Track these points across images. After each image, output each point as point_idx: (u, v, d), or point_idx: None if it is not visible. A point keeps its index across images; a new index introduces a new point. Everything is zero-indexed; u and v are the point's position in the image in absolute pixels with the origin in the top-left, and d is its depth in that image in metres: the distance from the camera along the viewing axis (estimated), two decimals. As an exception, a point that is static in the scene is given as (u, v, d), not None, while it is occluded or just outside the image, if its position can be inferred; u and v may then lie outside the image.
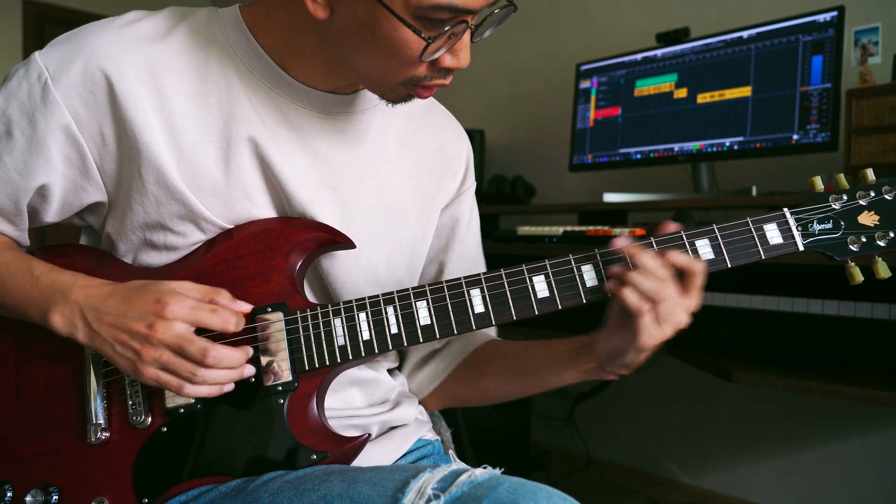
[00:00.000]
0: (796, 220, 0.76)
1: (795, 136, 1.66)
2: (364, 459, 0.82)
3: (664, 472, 2.32)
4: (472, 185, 0.98)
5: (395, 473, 0.68)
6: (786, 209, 0.77)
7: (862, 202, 0.77)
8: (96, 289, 0.73)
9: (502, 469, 0.69)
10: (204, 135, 0.78)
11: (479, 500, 0.61)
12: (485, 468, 0.67)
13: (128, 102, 0.75)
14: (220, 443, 0.76)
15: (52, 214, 0.81)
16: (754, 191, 1.74)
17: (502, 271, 0.77)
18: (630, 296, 0.72)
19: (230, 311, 0.72)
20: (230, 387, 0.73)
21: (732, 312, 1.43)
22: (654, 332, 0.72)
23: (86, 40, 0.76)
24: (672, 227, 0.77)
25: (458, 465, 0.70)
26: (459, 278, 0.78)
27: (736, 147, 1.78)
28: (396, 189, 0.88)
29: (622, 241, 0.76)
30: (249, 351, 0.74)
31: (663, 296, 0.71)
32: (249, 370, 0.74)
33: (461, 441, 2.00)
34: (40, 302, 0.74)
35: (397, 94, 0.77)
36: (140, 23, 0.78)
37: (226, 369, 0.72)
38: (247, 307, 0.75)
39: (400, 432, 0.90)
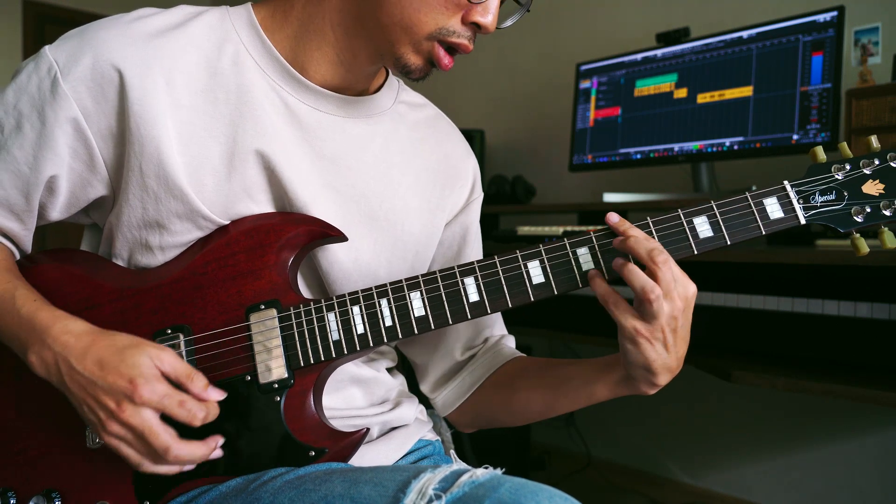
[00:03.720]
0: (797, 192, 0.74)
1: (795, 136, 1.66)
2: (365, 460, 0.82)
3: (664, 472, 2.32)
4: (479, 195, 0.99)
5: (397, 473, 0.67)
6: (786, 182, 0.74)
7: (866, 171, 0.74)
8: (74, 338, 0.70)
9: (503, 469, 0.69)
10: (210, 130, 0.78)
11: (480, 501, 0.61)
12: (486, 468, 0.67)
13: (136, 97, 0.75)
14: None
15: (58, 210, 0.81)
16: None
17: (496, 258, 0.76)
18: (637, 278, 0.70)
19: (199, 406, 0.70)
20: (191, 466, 0.72)
21: (732, 312, 1.43)
22: (665, 309, 0.69)
23: (96, 35, 0.76)
24: (614, 217, 0.74)
25: (459, 465, 0.69)
26: (453, 267, 0.77)
27: (736, 147, 1.78)
28: (402, 195, 0.88)
29: (615, 217, 0.74)
30: (218, 441, 0.73)
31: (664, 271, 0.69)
32: (217, 454, 0.73)
33: (462, 441, 2.00)
34: (20, 338, 0.73)
35: (421, 53, 0.77)
36: (150, 18, 0.78)
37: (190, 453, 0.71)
38: (220, 395, 0.73)
39: (401, 433, 0.90)
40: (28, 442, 0.78)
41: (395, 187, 0.88)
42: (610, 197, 1.96)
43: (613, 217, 0.74)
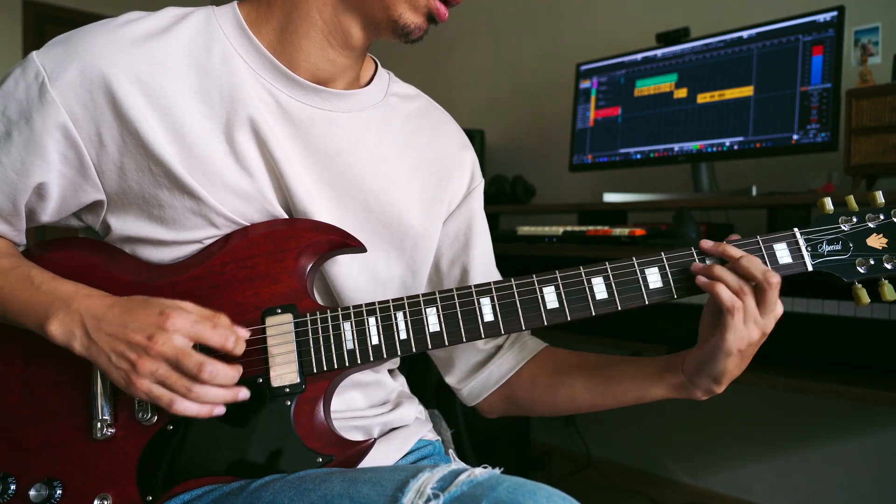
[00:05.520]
0: (806, 240, 0.78)
1: (795, 136, 1.66)
2: (366, 460, 0.82)
3: (664, 472, 2.32)
4: (480, 182, 0.99)
5: (395, 473, 0.68)
6: (796, 229, 0.78)
7: (871, 225, 0.78)
8: (98, 299, 0.73)
9: (502, 469, 0.69)
10: (210, 131, 0.78)
11: (478, 500, 0.61)
12: (485, 468, 0.67)
13: (128, 103, 0.74)
14: (226, 443, 0.76)
15: (49, 214, 0.81)
16: (754, 191, 1.74)
17: (513, 281, 0.78)
18: (723, 291, 0.73)
19: (230, 330, 0.72)
20: (221, 410, 0.72)
21: (732, 312, 1.42)
22: (742, 332, 0.73)
23: (84, 40, 0.76)
24: (707, 243, 0.78)
25: (457, 464, 0.69)
26: (469, 286, 0.78)
27: (736, 147, 1.78)
28: (398, 188, 0.88)
29: (708, 243, 0.78)
30: (240, 369, 0.74)
31: (747, 291, 0.73)
32: (244, 393, 0.73)
33: (461, 441, 2.00)
34: (39, 310, 0.73)
35: (419, 10, 0.78)
36: (138, 23, 0.78)
37: (219, 388, 0.71)
38: (246, 333, 0.75)
39: (401, 433, 0.90)
40: (32, 429, 0.78)
41: (391, 181, 0.88)
42: (610, 197, 1.96)
43: (707, 243, 0.77)
